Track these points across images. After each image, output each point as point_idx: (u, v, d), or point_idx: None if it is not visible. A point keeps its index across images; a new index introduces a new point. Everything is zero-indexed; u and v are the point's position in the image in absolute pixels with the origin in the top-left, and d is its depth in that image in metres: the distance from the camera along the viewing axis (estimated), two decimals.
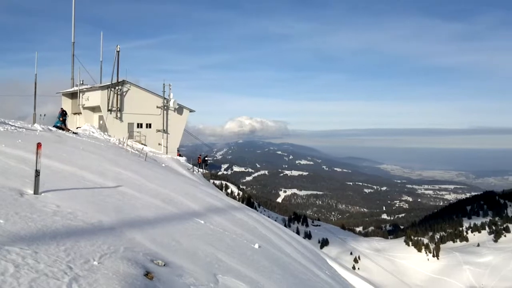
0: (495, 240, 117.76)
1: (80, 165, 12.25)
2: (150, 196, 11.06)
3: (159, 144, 42.90)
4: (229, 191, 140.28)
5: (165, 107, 43.39)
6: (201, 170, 41.74)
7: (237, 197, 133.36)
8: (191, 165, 39.09)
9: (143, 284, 4.30)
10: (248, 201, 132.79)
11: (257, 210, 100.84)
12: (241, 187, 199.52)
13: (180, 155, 43.56)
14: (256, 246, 10.77)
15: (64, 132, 26.43)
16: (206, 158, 47.26)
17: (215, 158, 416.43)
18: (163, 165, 29.81)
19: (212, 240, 8.75)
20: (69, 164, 11.86)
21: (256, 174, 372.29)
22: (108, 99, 39.49)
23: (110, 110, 39.67)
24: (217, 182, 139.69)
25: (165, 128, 43.54)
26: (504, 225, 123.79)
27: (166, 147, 43.43)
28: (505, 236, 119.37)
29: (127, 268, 4.57)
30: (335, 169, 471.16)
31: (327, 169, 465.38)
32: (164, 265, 5.40)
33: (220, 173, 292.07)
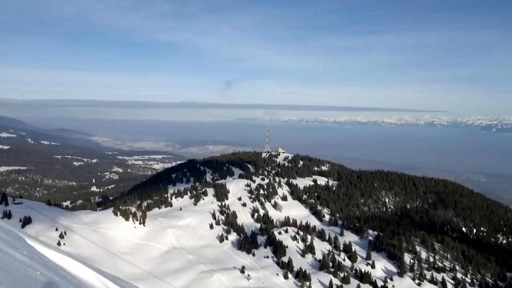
0: (195, 204, 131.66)
1: None
2: None
3: None
4: None
5: None
6: None
7: None
8: None
9: None
10: None
11: None
12: None
13: None
14: None
15: None
16: None
17: None
18: None
19: None
20: None
21: None
22: None
23: None
24: None
25: None
26: (203, 190, 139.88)
27: None
28: (203, 199, 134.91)
29: None
30: (42, 142, 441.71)
31: (32, 142, 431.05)
32: None
33: None
